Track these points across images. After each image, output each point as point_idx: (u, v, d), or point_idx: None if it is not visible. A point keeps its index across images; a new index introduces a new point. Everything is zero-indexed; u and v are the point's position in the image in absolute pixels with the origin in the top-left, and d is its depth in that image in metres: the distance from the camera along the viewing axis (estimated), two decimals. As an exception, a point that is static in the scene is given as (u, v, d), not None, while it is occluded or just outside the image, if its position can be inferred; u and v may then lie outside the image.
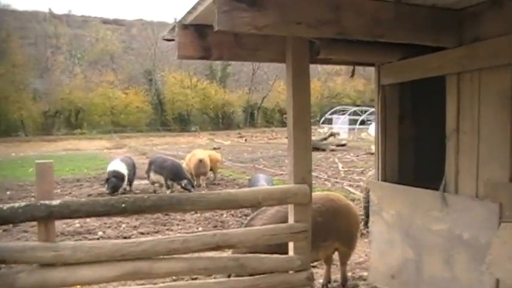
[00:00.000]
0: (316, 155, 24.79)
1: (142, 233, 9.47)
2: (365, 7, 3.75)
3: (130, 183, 14.72)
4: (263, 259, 4.74)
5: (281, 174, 17.20)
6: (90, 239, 9.01)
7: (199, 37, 4.56)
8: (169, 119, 52.65)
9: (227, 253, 5.54)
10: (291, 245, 4.92)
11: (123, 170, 14.05)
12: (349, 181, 15.32)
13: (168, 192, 13.55)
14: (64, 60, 53.04)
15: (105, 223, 10.02)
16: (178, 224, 10.15)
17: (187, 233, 9.37)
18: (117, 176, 13.79)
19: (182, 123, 52.70)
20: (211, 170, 16.54)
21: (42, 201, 4.19)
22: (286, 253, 4.90)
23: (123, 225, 10.02)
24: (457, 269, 4.20)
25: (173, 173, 13.65)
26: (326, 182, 15.39)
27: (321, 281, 6.23)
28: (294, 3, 3.53)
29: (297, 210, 4.84)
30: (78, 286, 4.75)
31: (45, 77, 49.28)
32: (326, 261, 6.14)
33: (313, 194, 6.70)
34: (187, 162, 16.09)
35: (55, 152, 33.18)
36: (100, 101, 49.34)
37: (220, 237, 4.54)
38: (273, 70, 50.93)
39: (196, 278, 5.85)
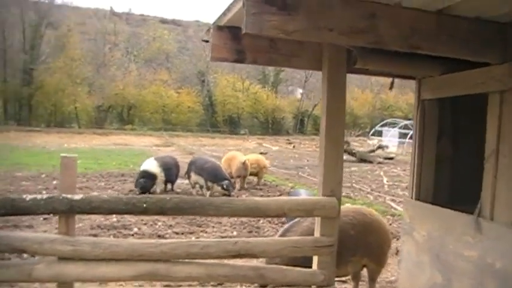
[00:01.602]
0: (363, 167, 24.52)
1: (176, 233, 9.44)
2: (402, 16, 3.56)
3: (170, 182, 14.70)
4: (285, 271, 4.61)
5: (324, 184, 16.93)
6: (124, 234, 9.08)
7: (234, 39, 4.45)
8: (220, 120, 52.90)
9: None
10: (315, 259, 4.77)
11: (155, 169, 13.93)
12: (392, 196, 14.98)
13: (208, 193, 13.52)
14: (121, 56, 53.95)
15: (142, 220, 10.02)
16: (213, 226, 10.05)
17: (222, 236, 9.34)
18: (147, 176, 13.69)
19: (232, 125, 52.89)
20: (256, 174, 16.59)
21: (64, 195, 4.16)
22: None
23: (159, 223, 10.02)
24: (486, 298, 3.98)
25: (213, 175, 13.56)
26: (368, 195, 15.10)
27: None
28: (326, 9, 3.38)
29: (323, 223, 4.69)
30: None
31: (101, 72, 50.14)
32: (354, 277, 5.95)
33: (345, 206, 6.58)
34: (225, 164, 16.06)
35: (105, 145, 33.63)
36: (152, 98, 49.95)
37: (242, 245, 4.43)
38: (325, 79, 50.49)
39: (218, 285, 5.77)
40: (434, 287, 4.51)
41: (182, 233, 9.45)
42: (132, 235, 9.15)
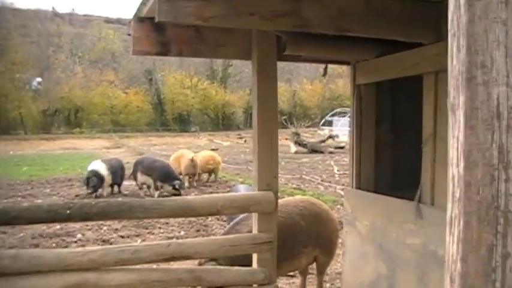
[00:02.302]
0: (314, 157, 24.55)
1: (122, 236, 9.19)
2: (329, -3, 3.37)
3: (117, 185, 14.44)
4: (222, 271, 4.40)
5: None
6: (68, 242, 8.78)
7: (156, 31, 4.17)
8: (169, 119, 52.40)
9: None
10: (254, 256, 4.56)
11: (103, 170, 13.62)
12: (343, 185, 14.89)
13: (156, 193, 13.24)
14: (65, 58, 52.89)
15: (87, 225, 9.70)
16: (160, 228, 9.82)
17: (169, 237, 9.12)
18: (96, 176, 13.36)
19: (182, 123, 52.43)
20: (213, 171, 16.58)
21: (-20, 206, 3.84)
22: None
23: (105, 228, 9.75)
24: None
25: (164, 174, 13.28)
26: (319, 186, 15.04)
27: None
28: (245, -9, 3.17)
29: (260, 219, 4.49)
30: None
31: (45, 75, 49.09)
32: (301, 271, 5.77)
33: (293, 197, 6.41)
34: (175, 163, 15.81)
35: (53, 150, 32.97)
36: (100, 100, 49.16)
37: (175, 247, 4.19)
38: (274, 71, 50.48)
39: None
40: (379, 279, 4.35)
41: (128, 236, 9.21)
42: (76, 242, 8.85)
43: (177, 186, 13.12)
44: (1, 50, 46.37)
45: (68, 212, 3.93)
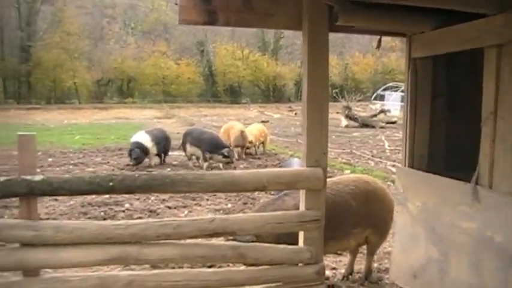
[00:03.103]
0: (365, 132, 24.18)
1: (169, 207, 9.18)
2: (384, -39, 3.14)
3: (161, 156, 14.41)
4: (267, 249, 4.27)
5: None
6: (116, 211, 8.84)
7: (204, 0, 4.04)
8: (220, 90, 52.22)
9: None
10: (301, 234, 4.42)
11: (147, 142, 13.58)
12: (394, 161, 14.54)
13: (205, 165, 13.24)
14: (118, 30, 53.20)
15: (135, 195, 9.68)
16: (208, 199, 9.75)
17: (216, 209, 9.08)
18: (140, 148, 13.35)
19: (233, 95, 52.22)
20: (263, 143, 16.56)
21: (23, 177, 3.80)
22: None
23: (152, 198, 9.73)
24: (486, 276, 3.59)
25: (212, 145, 13.25)
26: (369, 161, 14.76)
27: (343, 271, 5.70)
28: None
29: (308, 196, 4.33)
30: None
31: (99, 46, 49.58)
32: (351, 250, 5.60)
33: (346, 176, 6.22)
34: (224, 135, 15.81)
35: (105, 120, 33.28)
36: (152, 70, 49.21)
37: (218, 222, 4.08)
38: (327, 44, 49.73)
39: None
40: (430, 263, 4.15)
41: (175, 207, 9.19)
42: (123, 211, 8.88)
43: (226, 153, 13.09)
44: (57, 21, 46.98)
45: (111, 184, 3.86)
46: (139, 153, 13.26)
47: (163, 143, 14.20)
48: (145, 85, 49.74)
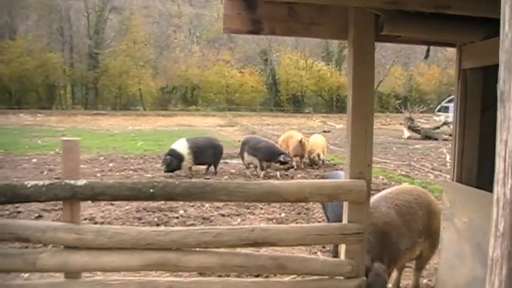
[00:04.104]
0: (427, 144, 23.73)
1: (223, 215, 9.22)
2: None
3: (210, 165, 14.28)
4: (307, 261, 4.22)
5: (384, 162, 16.41)
6: (169, 217, 8.94)
7: (248, 9, 4.05)
8: (283, 99, 52.27)
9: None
10: (342, 247, 4.35)
11: (183, 149, 13.52)
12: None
13: (262, 173, 13.27)
14: (184, 38, 54.03)
15: (190, 202, 9.78)
16: (261, 208, 9.76)
17: (269, 218, 9.07)
18: (173, 155, 13.34)
19: (296, 104, 52.20)
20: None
21: (67, 181, 3.89)
22: None
23: (207, 205, 9.80)
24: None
25: (269, 153, 13.26)
26: (429, 174, 14.45)
27: (390, 286, 5.58)
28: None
29: (351, 208, 4.25)
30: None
31: (164, 54, 50.53)
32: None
33: (397, 186, 6.10)
34: (283, 144, 15.85)
35: (168, 126, 33.87)
36: (216, 79, 49.78)
37: (259, 233, 4.05)
38: (391, 54, 49.03)
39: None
40: (475, 282, 4.00)
41: (228, 215, 9.23)
42: (177, 217, 8.98)
43: (282, 159, 13.09)
44: (124, 29, 48.33)
45: (152, 191, 3.90)
46: (169, 160, 13.28)
47: (208, 152, 13.95)
48: (209, 93, 50.34)
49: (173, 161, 13.31)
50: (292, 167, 13.34)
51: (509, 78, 0.96)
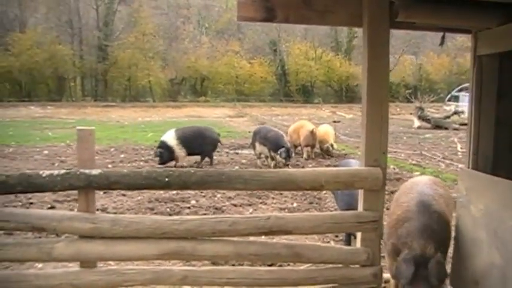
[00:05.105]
0: (437, 133, 23.63)
1: (235, 205, 9.22)
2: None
3: (205, 156, 13.94)
4: (322, 249, 4.22)
5: (395, 152, 16.34)
6: (181, 207, 8.96)
7: (262, -4, 4.03)
8: (293, 90, 52.05)
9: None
10: (358, 235, 4.33)
11: (171, 140, 13.30)
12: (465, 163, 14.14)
13: (272, 163, 13.23)
14: (192, 29, 53.91)
15: (202, 192, 9.79)
16: (273, 198, 9.75)
17: (281, 208, 9.06)
18: (163, 147, 13.20)
19: (305, 94, 52.00)
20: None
21: (82, 170, 3.90)
22: None
23: (218, 195, 9.82)
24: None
25: (274, 144, 13.17)
26: (440, 163, 14.38)
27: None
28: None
29: (366, 196, 4.25)
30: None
31: (173, 45, 50.47)
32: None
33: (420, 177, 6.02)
34: (294, 134, 15.76)
35: (178, 118, 33.82)
36: (225, 70, 49.66)
37: (274, 221, 4.05)
38: (401, 44, 48.63)
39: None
40: (492, 269, 3.96)
41: (240, 205, 9.23)
42: (189, 207, 8.99)
43: (279, 153, 12.97)
44: (133, 21, 48.24)
45: (167, 179, 3.91)
46: (159, 153, 13.21)
47: (198, 141, 13.59)
48: (218, 84, 50.20)
49: (164, 153, 13.18)
50: (285, 164, 13.05)
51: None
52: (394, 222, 4.23)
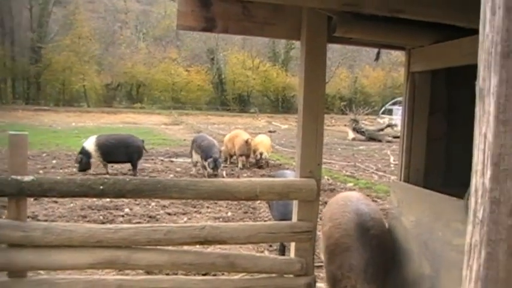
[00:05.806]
0: (371, 146, 24.18)
1: (169, 214, 9.19)
2: (380, -26, 3.12)
3: (112, 163, 13.90)
4: (257, 259, 4.26)
5: (330, 163, 16.58)
6: (115, 215, 8.83)
7: (202, 6, 4.02)
8: (229, 99, 52.35)
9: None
10: (292, 245, 4.39)
11: (90, 147, 13.11)
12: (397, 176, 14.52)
13: (206, 172, 13.22)
14: (130, 35, 53.50)
15: (136, 200, 9.67)
16: (208, 207, 9.75)
17: (216, 217, 9.06)
18: (83, 153, 13.06)
19: (242, 104, 52.34)
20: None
21: (13, 176, 3.79)
22: None
23: (153, 204, 9.76)
24: (476, 293, 3.54)
25: (205, 153, 13.18)
26: (373, 175, 14.71)
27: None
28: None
29: (301, 207, 4.31)
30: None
31: (110, 50, 49.88)
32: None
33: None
34: (229, 143, 15.80)
35: (113, 124, 33.50)
36: (162, 76, 49.48)
37: (209, 230, 4.06)
38: (337, 56, 49.65)
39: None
40: (422, 279, 4.08)
41: (175, 214, 9.21)
42: (123, 216, 8.88)
43: (206, 163, 13.06)
44: (69, 24, 47.46)
45: (101, 187, 3.85)
46: (79, 158, 13.07)
47: (121, 150, 13.30)
48: (154, 91, 50.03)
49: (83, 159, 13.02)
50: (213, 173, 13.09)
51: (488, 76, 1.00)
52: (333, 248, 4.26)
